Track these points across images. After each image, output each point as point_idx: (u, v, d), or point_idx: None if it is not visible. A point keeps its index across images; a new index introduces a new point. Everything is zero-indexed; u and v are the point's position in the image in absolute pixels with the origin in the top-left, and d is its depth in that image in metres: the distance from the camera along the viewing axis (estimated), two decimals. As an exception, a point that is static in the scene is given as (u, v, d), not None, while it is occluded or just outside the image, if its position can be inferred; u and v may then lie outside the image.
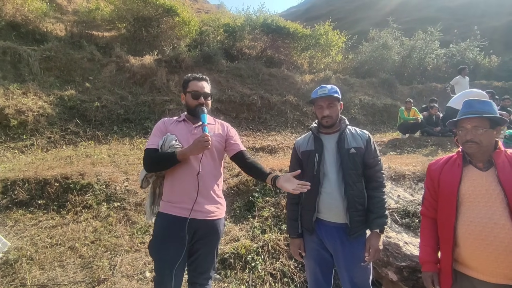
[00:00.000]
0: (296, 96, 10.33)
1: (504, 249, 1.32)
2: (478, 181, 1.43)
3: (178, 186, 1.77)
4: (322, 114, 1.82)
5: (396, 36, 14.20)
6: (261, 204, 3.57)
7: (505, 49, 15.11)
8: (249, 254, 2.80)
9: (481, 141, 1.42)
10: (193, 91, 1.87)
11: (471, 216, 1.42)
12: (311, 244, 1.85)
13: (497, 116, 1.44)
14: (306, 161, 1.86)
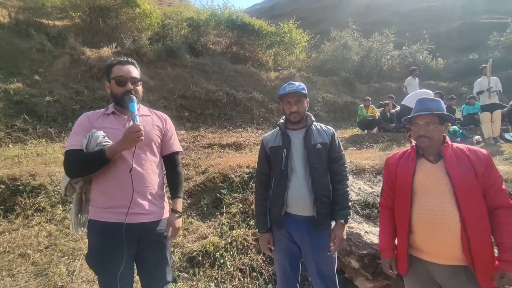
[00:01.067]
0: (262, 93, 10.43)
1: (451, 233, 1.45)
2: (430, 173, 1.56)
3: (110, 188, 1.55)
4: (290, 110, 1.85)
5: (355, 37, 14.94)
6: (228, 200, 3.57)
7: (449, 53, 16.61)
8: (218, 251, 2.79)
9: (432, 136, 1.54)
10: (117, 77, 1.61)
11: (424, 205, 1.54)
12: (280, 237, 1.89)
13: (445, 113, 1.58)
14: (274, 157, 1.88)
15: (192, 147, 6.26)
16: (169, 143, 1.79)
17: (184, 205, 3.78)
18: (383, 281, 2.47)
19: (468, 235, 1.41)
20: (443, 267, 1.49)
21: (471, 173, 1.47)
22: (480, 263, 1.41)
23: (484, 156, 1.51)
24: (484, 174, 1.48)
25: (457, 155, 1.54)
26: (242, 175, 3.95)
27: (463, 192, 1.45)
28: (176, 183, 1.80)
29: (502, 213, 1.46)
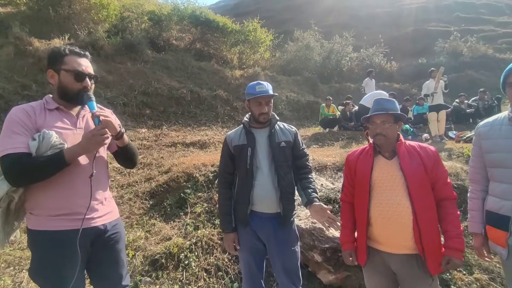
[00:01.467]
0: (227, 91, 10.37)
1: (404, 224, 1.55)
2: (385, 169, 1.65)
3: (65, 194, 1.40)
4: (261, 111, 1.84)
5: (317, 39, 15.45)
6: (193, 200, 3.50)
7: (402, 57, 17.87)
8: (182, 252, 2.73)
9: (387, 134, 1.64)
10: (75, 71, 1.44)
11: (380, 199, 1.63)
12: (245, 236, 1.90)
13: (399, 113, 1.70)
14: (239, 155, 1.87)
15: (154, 146, 6.03)
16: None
17: (146, 206, 3.64)
18: (344, 273, 2.59)
19: (419, 226, 1.52)
20: (397, 256, 1.60)
21: (421, 168, 1.59)
22: (429, 251, 1.53)
23: (432, 152, 1.64)
24: (433, 169, 1.60)
25: (409, 152, 1.65)
26: (207, 174, 3.89)
27: (414, 186, 1.56)
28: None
29: (447, 204, 1.60)
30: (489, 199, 1.68)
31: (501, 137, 1.60)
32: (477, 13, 23.14)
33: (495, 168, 1.64)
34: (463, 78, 13.99)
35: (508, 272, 1.66)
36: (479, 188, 1.75)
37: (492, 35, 19.40)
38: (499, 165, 1.61)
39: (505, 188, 1.57)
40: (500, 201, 1.59)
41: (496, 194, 1.62)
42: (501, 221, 1.57)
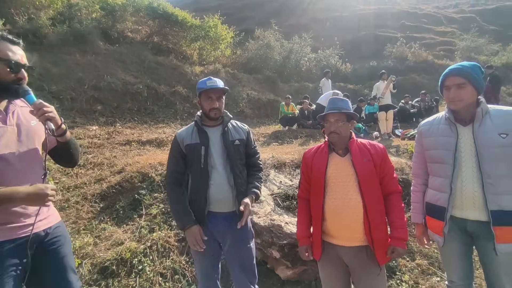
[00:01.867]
0: (186, 87, 10.07)
1: (355, 218, 1.66)
2: (339, 165, 1.74)
3: None
4: (212, 106, 1.81)
5: (277, 38, 15.68)
6: (148, 201, 3.34)
7: (356, 59, 18.87)
8: (136, 257, 2.58)
9: (341, 132, 1.73)
10: (9, 60, 1.29)
11: (334, 195, 1.71)
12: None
13: (351, 112, 1.79)
14: (191, 155, 1.81)
15: (106, 145, 5.64)
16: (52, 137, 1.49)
17: (95, 209, 3.39)
18: (301, 267, 2.67)
19: (369, 218, 1.64)
20: (349, 248, 1.70)
21: (371, 164, 1.70)
22: (377, 242, 1.65)
23: (380, 149, 1.77)
24: (381, 165, 1.72)
25: (361, 149, 1.76)
26: (164, 174, 3.74)
27: (365, 181, 1.67)
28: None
29: (393, 197, 1.73)
30: (428, 192, 1.83)
31: (440, 135, 1.74)
32: (419, 22, 25.29)
33: (434, 163, 1.78)
34: (408, 81, 15.20)
35: (444, 257, 1.85)
36: (421, 182, 1.90)
37: (432, 42, 21.37)
38: (437, 161, 1.75)
39: (442, 182, 1.71)
40: (438, 193, 1.74)
41: (434, 187, 1.78)
42: (438, 212, 1.73)
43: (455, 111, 1.68)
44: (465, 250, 1.74)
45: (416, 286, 2.64)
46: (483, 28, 22.22)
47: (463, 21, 25.53)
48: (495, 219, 1.54)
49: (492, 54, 18.32)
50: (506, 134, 1.55)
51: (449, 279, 1.85)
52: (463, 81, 1.60)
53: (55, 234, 1.43)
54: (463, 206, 1.64)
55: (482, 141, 1.58)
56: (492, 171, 1.56)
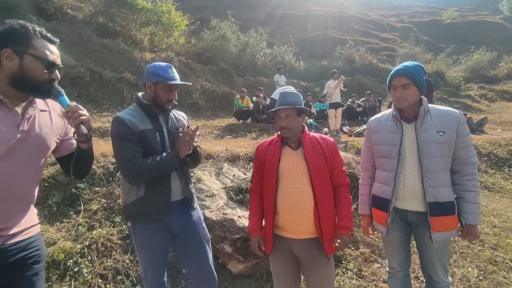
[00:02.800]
0: (135, 74, 9.41)
1: (307, 211, 1.69)
2: (292, 159, 1.76)
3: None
4: (169, 98, 1.75)
5: (234, 30, 15.46)
6: (88, 196, 3.02)
7: (308, 57, 19.57)
8: (71, 258, 2.32)
9: (291, 127, 1.74)
10: (46, 60, 1.22)
11: (286, 188, 1.73)
12: (157, 229, 1.73)
13: (302, 106, 1.78)
14: (146, 141, 1.67)
15: (38, 133, 4.98)
16: (68, 140, 1.43)
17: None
18: (253, 261, 2.66)
19: (319, 211, 1.67)
20: (299, 241, 1.73)
21: (322, 158, 1.74)
22: (326, 234, 1.70)
23: (331, 143, 1.81)
24: (331, 158, 1.78)
25: (313, 143, 1.79)
26: (107, 166, 3.42)
27: (316, 174, 1.70)
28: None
29: (342, 189, 1.80)
30: (374, 185, 1.94)
31: (386, 131, 1.85)
32: (366, 27, 27.15)
33: (380, 158, 1.89)
34: (355, 81, 16.21)
35: (386, 245, 2.00)
36: (368, 175, 2.02)
37: (376, 47, 23.11)
38: (383, 156, 1.86)
39: (387, 175, 1.82)
40: (383, 186, 1.85)
41: (380, 181, 1.89)
42: (383, 204, 1.85)
43: (400, 109, 1.79)
44: (405, 239, 1.89)
45: (360, 273, 2.82)
46: (419, 38, 24.67)
47: (403, 30, 28.08)
48: (432, 210, 1.70)
49: (425, 62, 20.42)
50: (443, 132, 1.68)
51: (390, 265, 2.00)
52: (408, 82, 1.71)
53: (32, 247, 1.28)
54: (405, 198, 1.78)
55: (423, 138, 1.71)
56: (430, 166, 1.69)
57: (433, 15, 33.91)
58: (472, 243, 3.33)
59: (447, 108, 1.80)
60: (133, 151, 1.62)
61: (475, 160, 1.75)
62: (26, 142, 1.22)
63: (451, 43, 23.58)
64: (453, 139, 1.69)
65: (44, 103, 1.35)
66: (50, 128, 1.32)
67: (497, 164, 6.24)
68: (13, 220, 1.22)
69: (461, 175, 1.75)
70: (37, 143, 1.26)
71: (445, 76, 18.53)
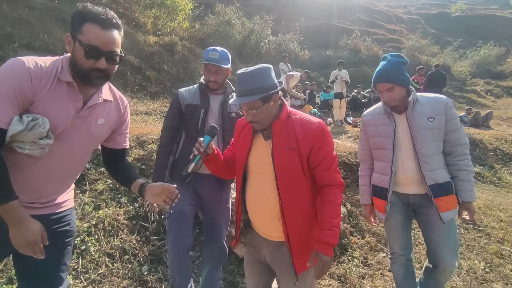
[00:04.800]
0: (139, 57, 9.26)
1: (270, 216, 1.39)
2: (261, 151, 1.41)
3: None
4: (209, 78, 1.93)
5: (239, 16, 15.18)
6: (93, 176, 2.98)
7: (313, 46, 19.28)
8: (78, 236, 2.30)
9: (260, 119, 1.34)
10: (89, 46, 1.09)
11: (251, 187, 1.44)
12: (184, 191, 1.78)
13: (266, 93, 1.30)
14: (190, 115, 1.91)
15: (41, 113, 4.93)
16: (124, 137, 1.44)
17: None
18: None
19: (286, 221, 1.34)
20: (269, 242, 1.45)
21: (295, 154, 1.34)
22: (295, 246, 1.35)
23: (316, 133, 1.35)
24: (313, 153, 1.35)
25: (287, 132, 1.37)
26: (112, 147, 3.38)
27: (283, 176, 1.33)
28: (128, 170, 1.48)
29: (326, 190, 1.38)
30: (373, 175, 2.02)
31: (380, 124, 1.92)
32: (373, 18, 26.68)
33: (377, 149, 1.97)
34: (360, 72, 16.04)
35: (388, 230, 2.06)
36: (367, 166, 2.09)
37: (383, 38, 22.78)
38: (379, 147, 1.94)
39: (384, 166, 1.91)
40: (381, 176, 1.94)
41: (378, 171, 1.97)
42: (382, 192, 1.92)
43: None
44: (406, 222, 1.96)
45: (365, 262, 2.82)
46: (426, 31, 24.27)
47: (410, 22, 27.61)
48: (434, 192, 1.78)
49: (432, 55, 20.19)
50: (433, 118, 1.78)
51: (391, 251, 2.04)
52: (391, 86, 1.79)
53: (61, 221, 1.28)
54: (406, 184, 1.87)
55: (415, 125, 1.80)
56: (425, 151, 1.78)
57: (441, 7, 33.31)
58: (478, 237, 3.33)
59: (435, 95, 1.90)
60: (167, 124, 1.99)
61: (466, 141, 1.84)
62: (80, 129, 1.21)
63: (459, 36, 23.23)
64: (443, 123, 1.79)
65: (109, 93, 1.33)
66: (106, 118, 1.30)
67: (503, 159, 6.22)
68: (54, 195, 1.25)
69: (453, 156, 1.84)
70: (91, 132, 1.25)
71: (451, 70, 18.34)
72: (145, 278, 2.24)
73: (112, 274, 2.20)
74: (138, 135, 3.62)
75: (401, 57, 1.84)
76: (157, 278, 2.28)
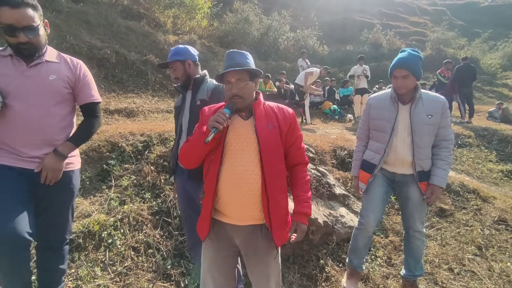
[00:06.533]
0: (159, 57, 9.44)
1: (251, 193, 1.40)
2: (240, 130, 1.45)
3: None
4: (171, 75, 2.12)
5: (257, 13, 15.12)
6: (118, 172, 3.09)
7: (332, 42, 18.89)
8: (105, 230, 2.39)
9: (244, 94, 1.44)
10: (5, 25, 1.43)
11: (231, 165, 1.42)
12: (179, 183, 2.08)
13: (255, 68, 1.48)
14: (176, 117, 2.13)
15: (69, 112, 5.15)
16: (81, 94, 1.74)
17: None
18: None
19: (268, 194, 1.39)
20: (242, 227, 1.44)
21: (276, 131, 1.46)
22: (276, 221, 1.42)
23: (290, 115, 1.52)
24: (288, 133, 1.50)
25: (267, 113, 1.50)
26: (135, 144, 3.47)
27: (267, 150, 1.41)
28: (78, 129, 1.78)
29: (299, 168, 1.55)
30: (367, 152, 2.31)
31: (385, 109, 2.15)
32: (395, 10, 25.76)
33: (376, 131, 2.22)
34: (381, 67, 15.53)
35: (365, 201, 2.30)
36: (363, 144, 2.37)
37: (406, 32, 21.96)
38: (379, 129, 2.19)
39: (379, 146, 2.19)
40: (374, 154, 2.23)
41: (373, 149, 2.26)
42: (370, 167, 2.24)
43: (399, 93, 2.10)
44: (384, 197, 2.25)
45: (389, 261, 2.74)
46: (452, 22, 23.17)
47: (434, 14, 26.43)
48: (420, 177, 2.11)
49: (459, 48, 19.24)
50: (431, 115, 2.04)
51: (363, 220, 2.26)
52: (407, 73, 2.01)
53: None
54: (395, 164, 2.17)
55: (416, 120, 2.05)
56: (420, 143, 2.06)
57: (469, -3, 31.61)
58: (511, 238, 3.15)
59: (435, 94, 2.17)
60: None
61: (451, 137, 2.12)
62: (32, 84, 1.53)
63: (488, 27, 22.02)
64: (438, 120, 2.06)
65: (57, 57, 1.66)
66: (57, 75, 1.60)
67: (537, 157, 5.84)
68: (33, 149, 1.55)
69: (438, 148, 2.12)
70: (45, 85, 1.56)
71: (480, 63, 17.41)
72: (169, 272, 2.30)
73: (137, 267, 2.27)
74: (160, 133, 3.70)
75: (418, 52, 2.08)
76: (180, 272, 2.33)
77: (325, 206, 3.07)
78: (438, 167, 2.10)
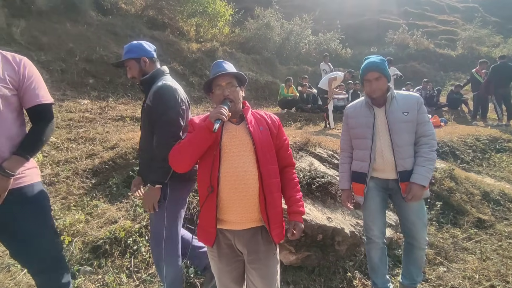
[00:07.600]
0: (182, 64, 9.70)
1: (251, 193, 1.46)
2: (234, 133, 1.52)
3: None
4: None
5: (278, 18, 15.13)
6: (144, 179, 3.15)
7: (356, 44, 18.49)
8: (130, 236, 2.43)
9: (235, 98, 1.54)
10: None
11: (229, 167, 1.47)
12: None
13: (240, 72, 1.58)
14: None
15: (98, 119, 5.38)
16: (26, 95, 1.46)
17: (87, 185, 3.19)
18: (304, 253, 2.55)
19: (264, 193, 1.46)
20: (243, 232, 1.50)
21: (268, 133, 1.57)
22: (273, 219, 1.49)
23: (276, 119, 1.66)
24: (277, 135, 1.62)
25: (256, 117, 1.62)
26: (160, 151, 3.54)
27: (262, 150, 1.50)
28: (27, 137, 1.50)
29: (289, 170, 1.65)
30: (353, 163, 2.23)
31: (361, 116, 2.14)
32: (422, 9, 24.78)
33: (357, 139, 2.19)
34: (408, 68, 14.98)
35: (367, 213, 2.20)
36: (347, 155, 2.29)
37: (434, 31, 21.03)
38: (359, 137, 2.15)
39: (364, 153, 2.12)
40: (360, 163, 2.16)
41: (358, 158, 2.19)
42: (361, 177, 2.16)
43: (373, 97, 2.08)
44: (383, 206, 2.19)
45: (423, 276, 2.56)
46: (486, 19, 21.87)
47: (465, 11, 25.14)
48: (401, 177, 2.04)
49: (493, 46, 18.14)
50: (407, 112, 2.03)
51: (370, 234, 2.18)
52: (379, 75, 2.03)
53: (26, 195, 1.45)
54: (385, 170, 2.09)
55: (392, 119, 2.04)
56: (399, 141, 2.02)
57: (504, -8, 29.79)
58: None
59: (408, 92, 2.17)
60: None
61: (431, 132, 2.05)
62: None
63: (526, 23, 20.57)
64: (415, 117, 2.03)
65: None
66: None
67: None
68: None
69: (418, 145, 2.06)
70: None
71: (517, 61, 16.26)
72: (191, 281, 2.28)
73: (161, 274, 2.27)
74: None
75: (383, 57, 2.12)
76: (203, 281, 2.31)
77: (352, 215, 2.94)
78: (417, 164, 2.03)
